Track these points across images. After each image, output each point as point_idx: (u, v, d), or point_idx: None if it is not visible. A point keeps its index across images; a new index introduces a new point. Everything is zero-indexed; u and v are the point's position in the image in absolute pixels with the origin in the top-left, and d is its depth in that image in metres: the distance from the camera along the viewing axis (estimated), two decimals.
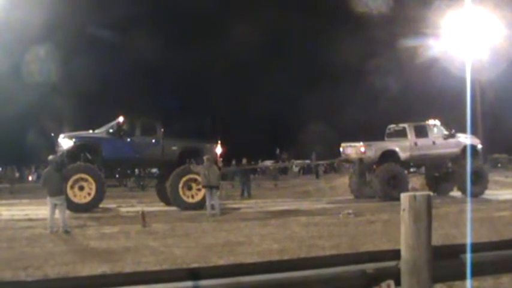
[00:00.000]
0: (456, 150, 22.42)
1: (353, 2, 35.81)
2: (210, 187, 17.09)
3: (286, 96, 59.13)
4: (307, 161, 44.72)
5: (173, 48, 53.75)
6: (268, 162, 45.92)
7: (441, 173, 23.27)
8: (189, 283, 3.92)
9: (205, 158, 17.59)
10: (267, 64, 57.74)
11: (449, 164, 22.93)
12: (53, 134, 20.69)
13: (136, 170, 21.50)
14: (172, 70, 57.99)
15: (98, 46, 47.06)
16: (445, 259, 4.52)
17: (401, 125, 22.78)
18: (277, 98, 57.77)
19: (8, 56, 33.57)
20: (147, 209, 17.09)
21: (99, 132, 19.85)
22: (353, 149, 22.55)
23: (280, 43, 61.19)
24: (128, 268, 8.60)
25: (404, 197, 4.34)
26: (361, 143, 22.05)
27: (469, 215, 14.36)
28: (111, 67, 47.11)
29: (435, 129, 22.60)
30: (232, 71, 58.31)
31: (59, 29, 37.48)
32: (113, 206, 20.13)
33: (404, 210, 4.30)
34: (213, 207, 17.06)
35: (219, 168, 18.62)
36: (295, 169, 48.73)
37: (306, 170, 48.39)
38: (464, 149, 22.16)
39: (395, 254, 4.35)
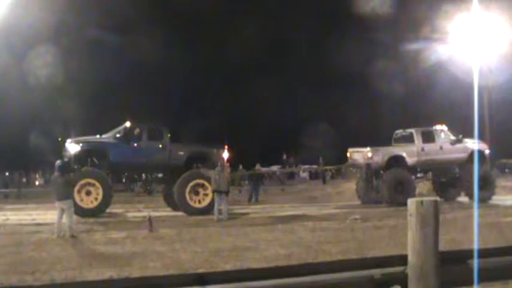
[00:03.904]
0: (463, 155, 22.31)
1: (359, 6, 35.77)
2: (219, 192, 17.18)
3: (292, 100, 59.14)
4: (314, 166, 44.70)
5: (179, 51, 53.82)
6: (275, 167, 45.88)
7: (448, 179, 23.16)
8: None
9: (218, 163, 17.82)
10: (272, 68, 57.76)
11: (457, 169, 22.82)
12: (60, 139, 20.78)
13: (143, 175, 21.54)
14: (179, 74, 58.09)
15: (105, 49, 47.14)
16: (452, 264, 4.51)
17: (409, 130, 22.71)
18: (284, 103, 57.78)
19: (14, 59, 33.69)
20: (154, 213, 17.13)
21: (106, 137, 19.88)
22: (360, 154, 22.50)
23: (287, 46, 61.29)
24: (135, 273, 8.61)
25: (411, 202, 4.34)
26: (368, 148, 22.00)
27: (476, 220, 14.29)
28: (119, 70, 47.17)
29: (442, 135, 22.51)
30: (238, 74, 58.38)
31: (66, 32, 37.64)
32: (120, 211, 20.17)
33: (411, 215, 4.30)
34: (220, 212, 17.09)
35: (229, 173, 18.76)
36: (304, 174, 48.59)
37: (312, 175, 48.29)
38: (471, 154, 22.03)
39: (403, 260, 4.35)
